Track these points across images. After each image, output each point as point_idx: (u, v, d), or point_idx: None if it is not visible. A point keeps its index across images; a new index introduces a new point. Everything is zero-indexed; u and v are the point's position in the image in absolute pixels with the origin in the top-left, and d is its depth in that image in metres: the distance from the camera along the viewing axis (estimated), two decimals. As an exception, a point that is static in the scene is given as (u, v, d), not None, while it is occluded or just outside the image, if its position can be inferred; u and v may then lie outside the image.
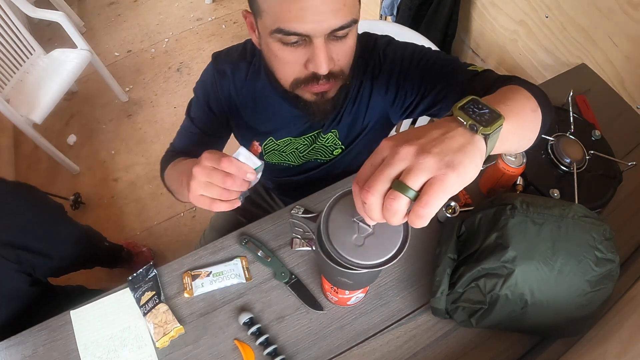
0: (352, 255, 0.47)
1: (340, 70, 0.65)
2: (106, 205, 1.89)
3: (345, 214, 0.50)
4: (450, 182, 0.36)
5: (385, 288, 0.78)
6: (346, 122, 0.81)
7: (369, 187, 0.38)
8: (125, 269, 1.65)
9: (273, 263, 0.80)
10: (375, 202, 0.38)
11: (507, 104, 0.47)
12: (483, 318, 0.68)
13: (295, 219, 0.86)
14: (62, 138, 2.09)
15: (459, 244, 0.76)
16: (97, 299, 0.78)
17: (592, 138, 0.92)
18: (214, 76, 0.79)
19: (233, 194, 0.57)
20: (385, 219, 0.39)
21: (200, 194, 0.57)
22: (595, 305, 0.65)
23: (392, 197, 0.37)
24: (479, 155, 0.39)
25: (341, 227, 0.49)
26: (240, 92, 0.80)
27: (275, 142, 0.85)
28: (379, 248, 0.47)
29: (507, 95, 0.50)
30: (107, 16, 2.60)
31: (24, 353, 0.73)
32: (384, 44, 0.76)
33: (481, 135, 0.40)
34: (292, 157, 0.89)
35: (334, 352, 0.73)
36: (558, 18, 1.17)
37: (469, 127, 0.40)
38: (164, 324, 0.73)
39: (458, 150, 0.38)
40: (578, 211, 0.68)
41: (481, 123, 0.40)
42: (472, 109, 0.41)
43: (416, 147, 0.38)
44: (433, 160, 0.37)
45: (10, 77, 1.78)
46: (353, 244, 0.48)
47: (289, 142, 0.85)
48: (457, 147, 0.38)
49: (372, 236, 0.48)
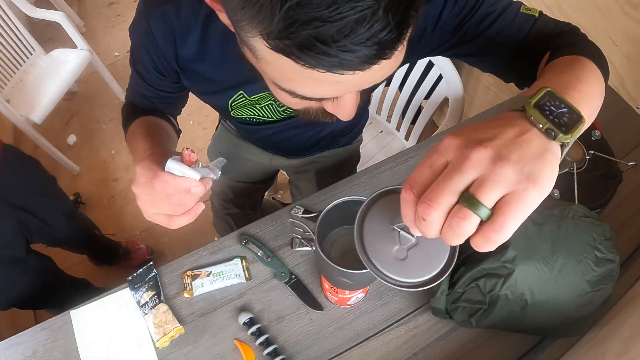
0: (393, 271, 0.39)
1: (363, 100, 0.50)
2: (106, 205, 1.89)
3: (383, 220, 0.42)
4: (532, 199, 0.30)
5: (385, 288, 0.78)
6: None
7: (431, 201, 0.31)
8: (123, 267, 1.67)
9: (273, 263, 0.80)
10: (438, 219, 0.31)
11: (580, 89, 0.39)
12: (483, 318, 0.68)
13: (295, 219, 0.85)
14: (62, 138, 2.09)
15: (459, 244, 0.75)
16: (97, 299, 0.78)
17: (592, 138, 0.92)
18: (149, 25, 0.59)
19: (189, 205, 0.48)
20: (444, 238, 0.32)
21: (153, 213, 0.49)
22: (595, 305, 0.65)
23: (461, 215, 0.30)
24: (556, 164, 0.32)
25: (379, 237, 0.41)
26: (190, 38, 0.60)
27: (247, 98, 0.68)
28: (424, 263, 0.40)
29: (580, 76, 0.41)
30: (107, 16, 2.60)
31: (24, 353, 0.73)
32: None
33: (559, 142, 0.33)
34: (269, 110, 0.73)
35: (334, 352, 0.73)
36: (558, 18, 1.17)
37: (545, 132, 0.33)
38: (164, 324, 0.73)
39: (538, 158, 0.31)
40: (578, 211, 0.68)
41: (560, 128, 0.33)
42: (548, 108, 0.34)
43: (491, 151, 0.31)
44: (513, 171, 0.30)
45: (10, 77, 1.78)
46: (394, 257, 0.40)
47: (265, 95, 0.69)
48: (536, 154, 0.31)
49: (415, 248, 0.40)
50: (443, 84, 1.27)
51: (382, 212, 0.42)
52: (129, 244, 1.70)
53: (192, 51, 0.61)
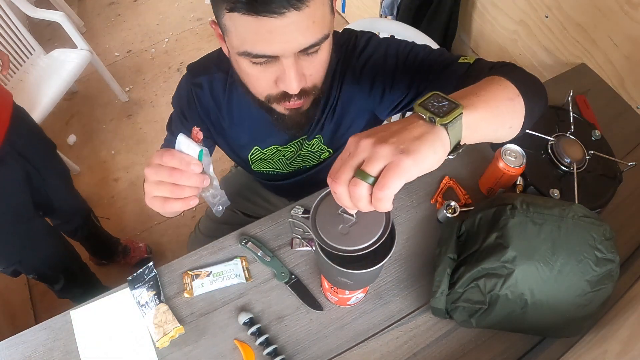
0: (339, 243, 0.51)
1: (312, 85, 0.63)
2: (106, 205, 1.89)
3: (332, 208, 0.54)
4: (405, 166, 0.39)
5: (385, 288, 0.79)
6: (329, 127, 0.79)
7: (335, 178, 0.42)
8: (122, 265, 1.68)
9: (273, 263, 0.80)
10: (343, 190, 0.42)
11: (479, 94, 0.49)
12: (483, 318, 0.68)
13: (295, 219, 0.86)
14: (62, 138, 2.09)
15: (459, 244, 0.76)
16: (97, 299, 0.78)
17: (592, 138, 0.92)
18: (190, 90, 0.77)
19: (186, 191, 0.54)
20: (354, 205, 0.42)
21: (153, 196, 0.55)
22: (595, 305, 0.65)
23: (354, 184, 0.41)
24: (439, 143, 0.42)
25: (328, 220, 0.53)
26: (218, 104, 0.77)
27: (261, 151, 0.84)
28: (363, 234, 0.52)
29: (482, 86, 0.52)
30: (107, 16, 2.60)
31: (24, 353, 0.73)
32: (364, 42, 0.73)
33: (440, 125, 0.43)
34: (280, 164, 0.88)
35: (334, 352, 0.73)
36: (558, 18, 1.17)
37: (428, 120, 0.43)
38: (164, 324, 0.73)
39: (416, 138, 0.41)
40: (578, 211, 0.68)
41: (439, 115, 0.43)
42: (431, 103, 0.44)
43: (374, 138, 0.42)
44: (389, 149, 0.40)
45: (10, 77, 1.78)
46: (339, 232, 0.52)
47: (275, 150, 0.84)
48: (414, 136, 0.42)
49: (356, 225, 0.53)
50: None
51: (331, 203, 0.54)
52: (128, 242, 1.71)
53: (220, 108, 0.78)
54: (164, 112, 2.17)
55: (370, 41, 0.73)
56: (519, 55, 1.37)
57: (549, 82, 1.08)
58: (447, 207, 0.82)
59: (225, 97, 0.76)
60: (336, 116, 0.78)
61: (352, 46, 0.73)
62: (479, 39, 1.51)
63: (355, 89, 0.75)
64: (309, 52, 0.56)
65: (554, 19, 1.19)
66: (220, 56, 0.75)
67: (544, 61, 1.28)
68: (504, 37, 1.39)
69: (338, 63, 0.73)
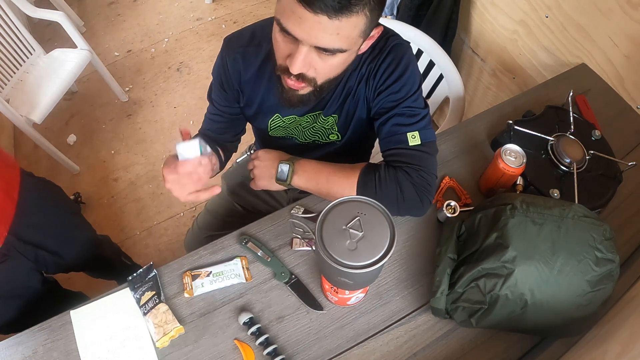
0: (347, 259, 0.54)
1: (313, 78, 0.69)
2: (106, 205, 1.89)
3: (337, 224, 0.57)
4: (259, 175, 0.85)
5: (385, 288, 0.79)
6: (347, 109, 0.84)
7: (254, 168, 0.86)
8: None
9: (273, 263, 0.80)
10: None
11: (322, 172, 0.81)
12: (483, 318, 0.68)
13: (295, 219, 0.86)
14: (62, 138, 2.09)
15: (459, 244, 0.76)
16: (97, 298, 0.78)
17: (592, 138, 0.92)
18: (225, 60, 0.85)
19: (204, 179, 0.73)
20: None
21: (187, 194, 0.72)
22: (595, 305, 0.65)
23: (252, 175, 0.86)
24: (266, 173, 0.85)
25: (334, 236, 0.56)
26: (249, 73, 0.85)
27: (281, 119, 0.90)
28: (369, 250, 0.55)
29: (335, 170, 0.80)
30: (107, 16, 2.60)
31: (24, 353, 0.73)
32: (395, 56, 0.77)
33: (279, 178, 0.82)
34: (297, 131, 0.93)
35: (334, 352, 0.73)
36: (558, 18, 1.17)
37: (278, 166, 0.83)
38: (164, 324, 0.73)
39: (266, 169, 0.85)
40: (578, 211, 0.68)
41: (282, 175, 0.82)
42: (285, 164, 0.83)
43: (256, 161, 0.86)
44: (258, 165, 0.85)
45: (10, 77, 1.78)
46: (347, 248, 0.55)
47: (293, 119, 0.89)
48: (268, 167, 0.84)
49: (362, 240, 0.56)
50: (444, 83, 1.28)
51: (336, 218, 0.57)
52: None
53: (251, 77, 0.86)
54: (164, 111, 2.17)
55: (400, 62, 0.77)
56: (519, 55, 1.37)
57: (549, 82, 1.08)
58: (447, 207, 0.82)
59: (255, 67, 0.84)
60: (354, 99, 0.83)
61: (378, 49, 0.78)
62: (478, 38, 1.51)
63: (363, 86, 0.81)
64: (323, 52, 0.64)
65: (554, 19, 1.18)
66: (254, 32, 0.84)
67: (544, 61, 1.28)
68: (504, 37, 1.39)
69: (369, 58, 0.78)
